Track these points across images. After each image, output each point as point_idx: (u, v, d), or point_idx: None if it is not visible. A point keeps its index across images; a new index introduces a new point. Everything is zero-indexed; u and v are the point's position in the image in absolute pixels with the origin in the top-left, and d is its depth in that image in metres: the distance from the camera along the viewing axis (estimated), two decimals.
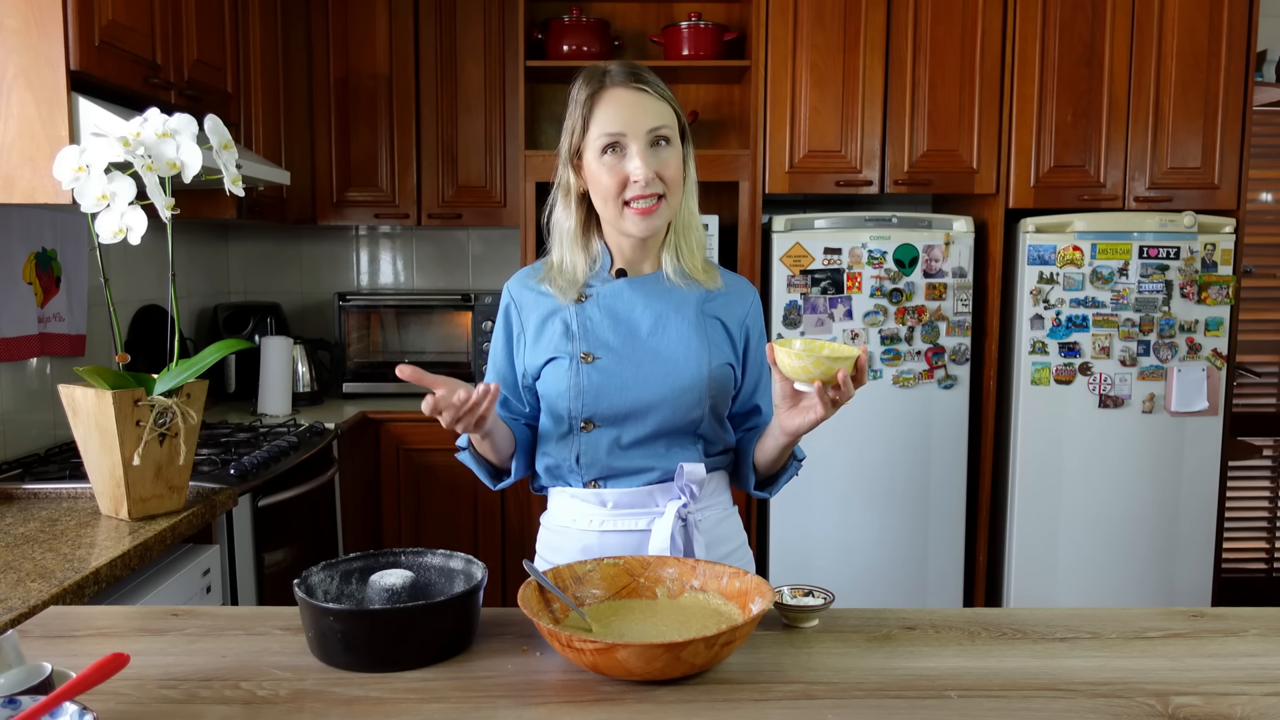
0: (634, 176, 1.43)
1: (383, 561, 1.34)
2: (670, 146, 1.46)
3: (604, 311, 1.51)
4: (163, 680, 1.13)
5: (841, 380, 1.29)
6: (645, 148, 1.43)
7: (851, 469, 3.25)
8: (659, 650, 1.08)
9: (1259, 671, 1.18)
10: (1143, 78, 3.23)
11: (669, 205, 1.47)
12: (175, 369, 1.89)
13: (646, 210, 1.44)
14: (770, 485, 1.59)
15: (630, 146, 1.43)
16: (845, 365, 1.29)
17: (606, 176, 1.44)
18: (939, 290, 3.23)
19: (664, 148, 1.45)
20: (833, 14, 3.20)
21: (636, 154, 1.43)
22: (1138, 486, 3.26)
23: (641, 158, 1.43)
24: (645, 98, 1.45)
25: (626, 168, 1.43)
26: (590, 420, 1.50)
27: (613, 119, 1.44)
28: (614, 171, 1.44)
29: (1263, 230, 3.99)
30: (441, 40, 3.51)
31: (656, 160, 1.44)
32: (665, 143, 1.45)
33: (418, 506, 3.38)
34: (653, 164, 1.43)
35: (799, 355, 1.30)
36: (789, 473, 1.57)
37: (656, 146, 1.45)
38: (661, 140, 1.45)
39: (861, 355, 1.30)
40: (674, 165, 1.46)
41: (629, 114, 1.43)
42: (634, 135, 1.43)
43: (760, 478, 1.59)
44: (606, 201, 1.47)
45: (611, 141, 1.44)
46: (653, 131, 1.44)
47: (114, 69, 2.17)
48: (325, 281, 3.90)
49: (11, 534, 1.86)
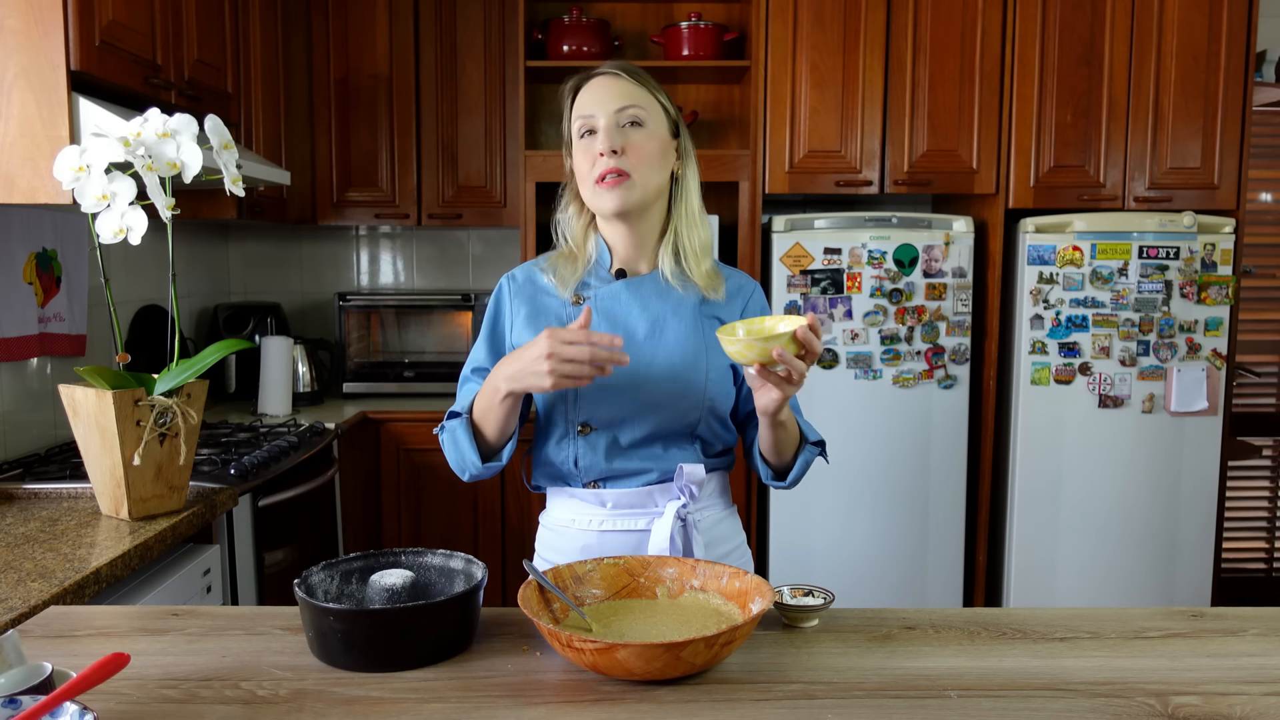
0: (598, 149, 1.45)
1: (383, 561, 1.34)
2: (642, 129, 1.47)
3: (600, 315, 1.51)
4: (163, 680, 1.13)
5: (777, 357, 1.27)
6: (613, 126, 1.46)
7: (851, 469, 3.25)
8: (659, 650, 1.08)
9: (1259, 671, 1.18)
10: (1142, 78, 3.23)
11: (637, 183, 1.46)
12: (175, 369, 1.89)
13: (610, 184, 1.45)
14: (786, 475, 1.54)
15: (599, 123, 1.46)
16: (780, 342, 1.27)
17: (581, 158, 1.48)
18: (939, 290, 3.23)
19: (634, 129, 1.47)
20: (833, 14, 3.20)
21: (602, 129, 1.46)
22: (1137, 487, 3.26)
23: (605, 132, 1.45)
24: (620, 82, 1.48)
25: (596, 147, 1.46)
26: (587, 424, 1.50)
27: (585, 103, 1.49)
28: (587, 153, 1.47)
29: (1262, 230, 3.99)
30: (441, 40, 3.51)
31: (622, 138, 1.46)
32: (637, 125, 1.47)
33: (418, 506, 3.38)
34: (617, 139, 1.45)
35: (735, 339, 1.30)
36: (802, 459, 1.51)
37: (626, 127, 1.46)
38: (632, 121, 1.47)
39: (800, 330, 1.27)
40: (645, 146, 1.46)
41: (600, 95, 1.48)
42: (602, 113, 1.46)
43: (775, 467, 1.54)
44: (583, 183, 1.50)
45: (585, 125, 1.48)
46: (621, 111, 1.46)
47: (114, 69, 2.18)
48: (325, 281, 3.90)
49: (12, 534, 1.86)
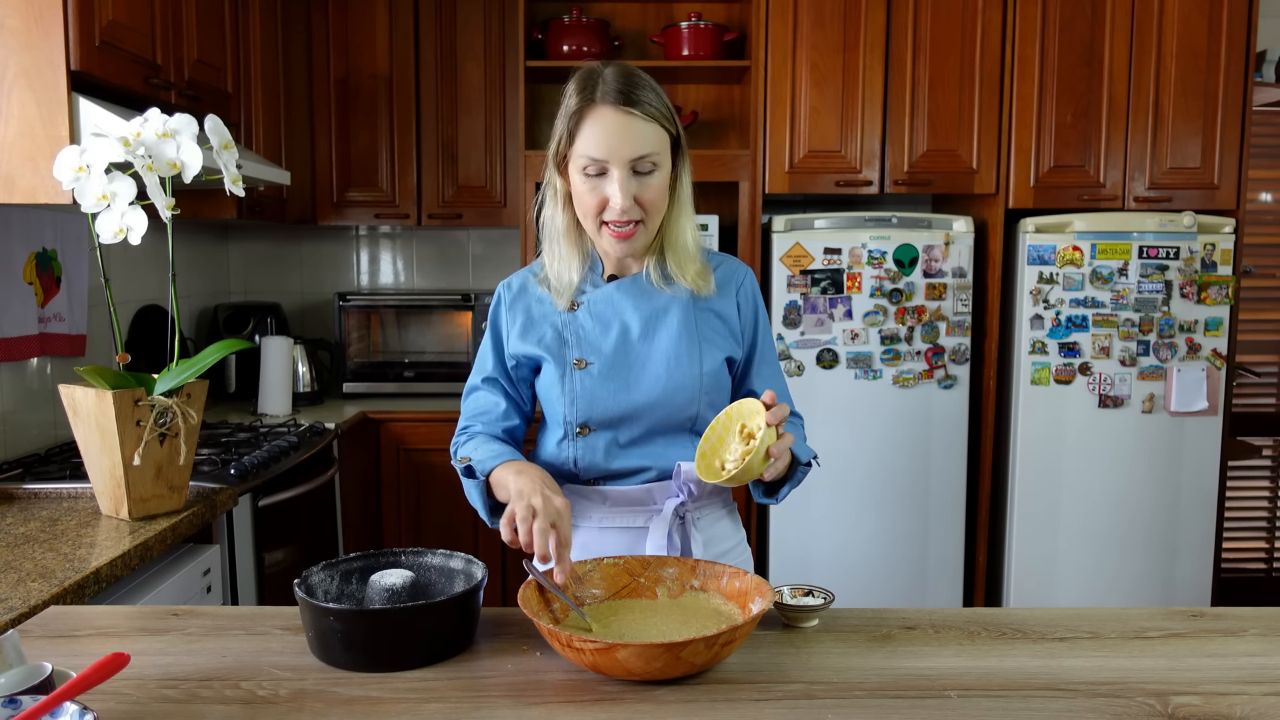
0: (612, 203, 1.43)
1: (383, 561, 1.34)
2: (655, 172, 1.44)
3: (595, 317, 1.52)
4: (163, 680, 1.13)
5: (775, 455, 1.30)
6: (627, 176, 1.42)
7: (851, 469, 3.25)
8: (659, 650, 1.08)
9: (1259, 671, 1.18)
10: (1142, 78, 3.23)
11: (646, 229, 1.47)
12: (175, 369, 1.89)
13: (622, 235, 1.45)
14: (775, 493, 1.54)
15: (612, 172, 1.42)
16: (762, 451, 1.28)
17: (587, 196, 1.45)
18: (939, 290, 3.23)
19: (647, 174, 1.44)
20: (833, 14, 3.20)
21: (617, 180, 1.42)
22: (1137, 486, 3.26)
23: (621, 186, 1.41)
24: (633, 122, 1.41)
25: (606, 191, 1.43)
26: (585, 425, 1.50)
27: (597, 143, 1.41)
28: (594, 192, 1.44)
29: (1262, 230, 3.99)
30: (441, 40, 3.51)
31: (637, 185, 1.43)
32: (651, 168, 1.44)
33: (418, 506, 3.38)
34: (632, 190, 1.42)
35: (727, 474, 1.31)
36: (793, 480, 1.51)
37: (639, 174, 1.43)
38: (646, 167, 1.43)
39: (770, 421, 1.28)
40: (656, 190, 1.45)
41: (614, 141, 1.41)
42: (616, 162, 1.41)
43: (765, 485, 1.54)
44: (586, 217, 1.47)
45: (595, 167, 1.42)
46: (636, 160, 1.42)
47: (114, 69, 2.17)
48: (325, 281, 3.90)
49: (12, 534, 1.86)
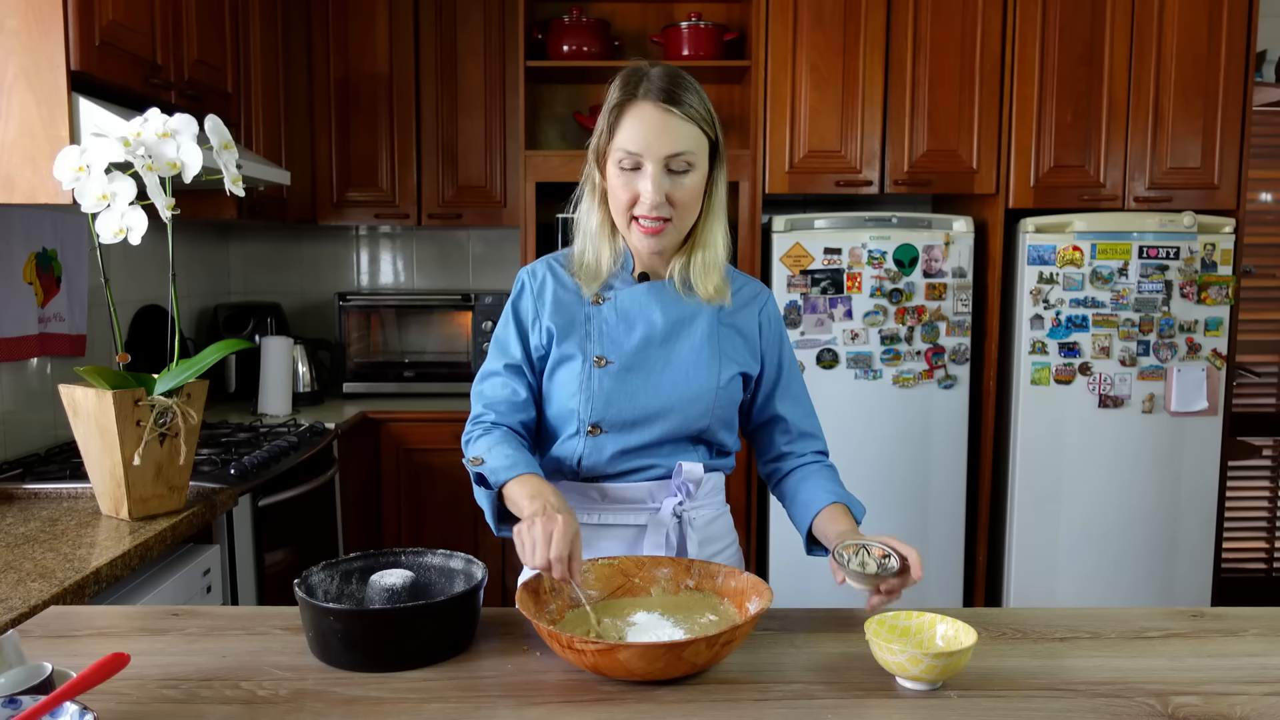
0: (643, 198, 1.43)
1: (383, 561, 1.34)
2: (690, 172, 1.44)
3: (620, 315, 1.51)
4: (163, 680, 1.13)
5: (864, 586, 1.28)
6: (660, 172, 1.42)
7: (852, 469, 3.21)
8: (660, 650, 1.08)
9: (1259, 671, 1.18)
10: (1142, 78, 3.23)
11: (675, 228, 1.47)
12: (175, 369, 1.89)
13: (650, 230, 1.45)
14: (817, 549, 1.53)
15: (646, 167, 1.42)
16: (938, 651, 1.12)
17: (621, 190, 1.45)
18: (939, 290, 3.23)
19: (682, 173, 1.44)
20: (832, 14, 3.20)
21: (650, 176, 1.42)
22: (1137, 486, 3.26)
23: (654, 182, 1.42)
24: (672, 120, 1.42)
25: (638, 186, 1.43)
26: (598, 425, 1.50)
27: (634, 137, 1.42)
28: (627, 187, 1.44)
29: (1262, 230, 3.99)
30: (441, 40, 3.51)
31: (670, 184, 1.43)
32: (686, 167, 1.44)
33: (418, 506, 3.38)
34: (665, 187, 1.43)
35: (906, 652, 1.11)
36: None
37: (673, 172, 1.44)
38: (681, 165, 1.43)
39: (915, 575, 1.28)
40: (689, 191, 1.45)
41: (651, 137, 1.42)
42: (651, 158, 1.42)
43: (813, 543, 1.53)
44: (618, 211, 1.48)
45: (630, 160, 1.43)
46: (672, 158, 1.42)
47: (114, 69, 2.17)
48: (325, 281, 3.90)
49: (12, 534, 1.86)
